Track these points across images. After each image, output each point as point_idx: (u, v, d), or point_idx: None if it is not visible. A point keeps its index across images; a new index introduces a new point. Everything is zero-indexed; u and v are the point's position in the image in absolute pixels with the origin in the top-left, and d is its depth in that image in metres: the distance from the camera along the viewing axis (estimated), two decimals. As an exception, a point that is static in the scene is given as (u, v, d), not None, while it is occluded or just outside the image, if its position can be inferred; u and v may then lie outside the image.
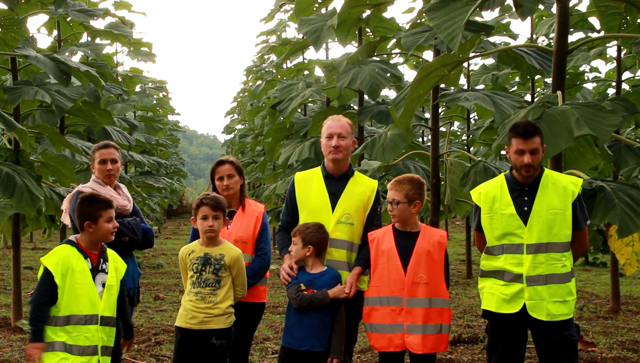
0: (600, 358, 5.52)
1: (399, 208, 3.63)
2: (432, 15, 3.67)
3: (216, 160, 4.17)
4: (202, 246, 3.77)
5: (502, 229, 3.51)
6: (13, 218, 6.64)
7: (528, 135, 3.45)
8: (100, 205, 3.54)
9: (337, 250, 3.78)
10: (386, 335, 3.59)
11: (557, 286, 3.40)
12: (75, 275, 3.38)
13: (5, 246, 14.69)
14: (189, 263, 3.75)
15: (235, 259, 3.75)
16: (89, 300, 3.38)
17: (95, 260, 3.50)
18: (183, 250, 3.83)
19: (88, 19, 7.45)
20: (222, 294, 3.71)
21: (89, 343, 3.35)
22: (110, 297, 3.48)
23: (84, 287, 3.39)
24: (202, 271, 3.70)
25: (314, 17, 6.55)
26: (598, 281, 10.74)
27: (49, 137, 6.80)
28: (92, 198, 3.59)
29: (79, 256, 3.44)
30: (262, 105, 12.44)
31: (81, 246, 3.49)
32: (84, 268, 3.42)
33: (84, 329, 3.35)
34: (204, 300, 3.69)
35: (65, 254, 3.43)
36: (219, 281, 3.71)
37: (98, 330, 3.38)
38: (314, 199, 3.87)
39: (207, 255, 3.72)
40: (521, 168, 3.47)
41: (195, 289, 3.71)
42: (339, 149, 3.81)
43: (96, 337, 3.37)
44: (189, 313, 3.70)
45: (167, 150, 18.10)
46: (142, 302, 8.53)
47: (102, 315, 3.42)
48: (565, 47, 4.21)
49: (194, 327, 3.69)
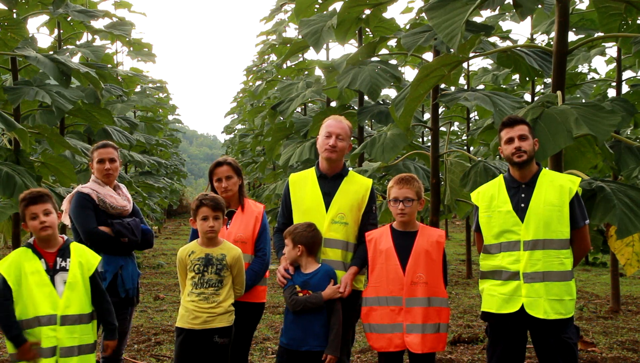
0: (600, 358, 5.52)
1: (412, 206, 3.63)
2: (431, 14, 3.66)
3: (214, 161, 4.17)
4: (202, 246, 3.76)
5: (499, 227, 3.51)
6: (13, 218, 6.64)
7: (513, 123, 3.53)
8: (24, 203, 3.38)
9: (332, 250, 3.78)
10: (385, 335, 3.59)
11: (554, 284, 3.39)
12: (29, 277, 3.27)
13: (5, 246, 14.70)
14: (189, 264, 3.73)
15: (237, 258, 3.76)
16: (48, 301, 3.27)
17: (51, 259, 3.37)
18: (182, 250, 3.80)
19: (88, 20, 7.45)
20: (224, 293, 3.72)
21: (48, 344, 3.22)
22: (73, 294, 3.34)
23: (39, 288, 3.28)
24: (205, 272, 3.69)
25: (314, 18, 6.54)
26: (598, 281, 10.74)
27: (48, 138, 6.80)
28: (23, 195, 3.43)
29: (32, 257, 3.33)
30: (262, 105, 12.45)
31: (37, 247, 3.39)
32: (37, 269, 3.30)
33: (44, 331, 3.23)
34: (207, 300, 3.68)
35: (16, 258, 3.33)
36: (221, 281, 3.71)
37: (56, 330, 3.25)
38: (307, 199, 3.87)
39: (209, 255, 3.72)
40: (513, 155, 3.50)
41: (198, 289, 3.69)
42: (334, 149, 3.81)
43: (52, 338, 3.24)
44: (192, 314, 3.68)
45: (167, 150, 18.11)
46: (142, 302, 8.54)
47: (64, 315, 3.28)
48: (565, 47, 4.21)
49: (196, 327, 3.68)
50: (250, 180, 17.91)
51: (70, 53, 7.82)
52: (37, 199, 3.36)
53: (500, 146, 3.62)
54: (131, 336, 6.41)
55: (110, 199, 4.17)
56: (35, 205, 3.35)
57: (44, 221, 3.34)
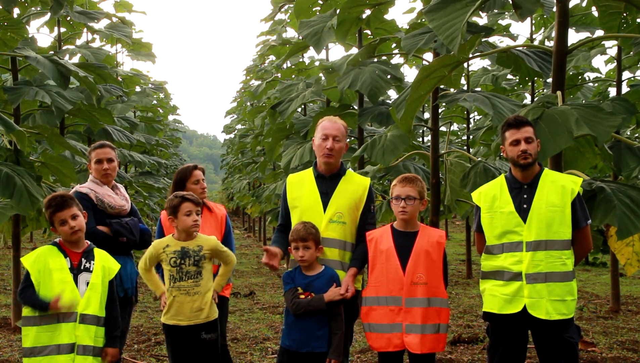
0: (600, 358, 5.52)
1: (414, 204, 3.64)
2: (431, 16, 3.65)
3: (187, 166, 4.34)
4: (178, 240, 3.79)
5: (501, 227, 3.51)
6: (13, 218, 6.65)
7: (520, 125, 3.51)
8: (51, 210, 3.51)
9: (330, 249, 3.77)
10: (385, 334, 3.59)
11: (556, 285, 3.40)
12: (53, 274, 3.41)
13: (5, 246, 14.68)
14: (164, 258, 3.75)
15: (214, 247, 3.82)
16: (70, 298, 3.38)
17: (76, 259, 3.50)
18: (157, 243, 3.83)
19: (89, 22, 7.46)
20: (204, 284, 3.76)
21: (68, 341, 3.34)
22: (94, 296, 3.46)
23: (61, 285, 3.40)
24: (182, 265, 3.73)
25: (314, 19, 6.53)
26: (598, 281, 10.74)
27: (48, 138, 6.80)
28: (47, 202, 3.56)
29: (57, 254, 3.47)
30: (262, 105, 12.44)
31: (62, 246, 3.53)
32: (62, 267, 3.43)
33: (64, 327, 3.35)
34: (188, 294, 3.72)
35: (42, 254, 3.46)
36: (200, 272, 3.75)
37: (75, 327, 3.37)
38: (305, 199, 3.88)
39: (185, 248, 3.75)
40: (518, 157, 3.49)
41: (177, 283, 3.72)
42: (332, 153, 3.82)
43: (72, 334, 3.36)
44: (175, 310, 3.73)
45: (167, 150, 18.11)
46: (142, 302, 8.54)
47: (83, 313, 3.40)
48: (565, 47, 4.20)
49: (182, 324, 3.73)
50: (250, 180, 17.91)
51: (70, 54, 7.83)
52: (63, 205, 3.51)
53: (503, 146, 3.61)
54: (131, 336, 6.41)
55: (108, 199, 4.18)
56: (62, 211, 3.50)
57: (74, 225, 3.51)
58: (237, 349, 5.96)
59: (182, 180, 4.25)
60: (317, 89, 7.65)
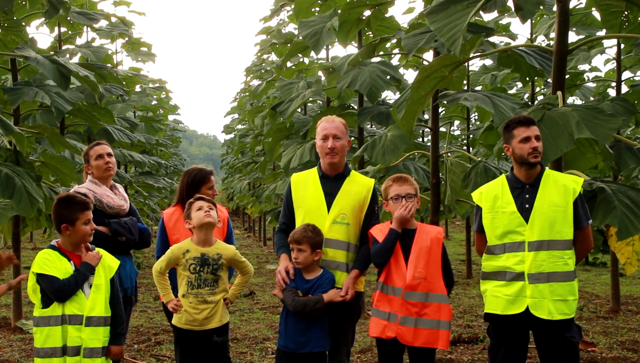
0: (600, 358, 5.52)
1: (414, 202, 3.68)
2: (432, 18, 3.65)
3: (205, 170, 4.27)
4: (198, 245, 3.73)
5: (503, 227, 3.51)
6: (13, 218, 6.64)
7: (530, 123, 3.54)
8: (77, 207, 3.45)
9: (333, 250, 3.76)
10: (382, 321, 3.61)
11: (558, 285, 3.40)
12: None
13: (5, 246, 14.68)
14: (184, 263, 3.70)
15: (232, 256, 3.78)
16: (75, 301, 3.34)
17: (78, 261, 3.44)
18: (176, 247, 3.74)
19: (89, 22, 7.45)
20: (219, 292, 3.74)
21: (73, 344, 3.31)
22: (98, 297, 3.42)
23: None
24: (201, 272, 3.70)
25: (313, 19, 6.52)
26: (598, 281, 10.74)
27: (48, 138, 6.80)
28: (69, 199, 3.51)
29: (60, 258, 3.40)
30: (262, 105, 12.43)
31: (62, 249, 3.45)
32: (67, 270, 3.37)
33: (70, 330, 3.31)
34: (205, 302, 3.69)
35: (45, 257, 3.39)
36: (217, 280, 3.73)
37: (81, 330, 3.33)
38: (309, 199, 3.86)
39: (205, 255, 3.71)
40: (529, 155, 3.49)
41: (194, 290, 3.69)
42: (334, 151, 3.81)
43: (77, 337, 3.32)
44: (190, 316, 3.69)
45: (167, 150, 18.10)
46: (142, 302, 8.54)
47: (89, 316, 3.36)
48: (566, 47, 4.20)
49: (195, 329, 3.70)
50: (250, 180, 17.90)
51: (70, 53, 7.82)
52: (88, 205, 3.50)
53: (509, 144, 3.60)
54: (131, 336, 6.41)
55: (107, 198, 4.18)
56: (88, 211, 3.48)
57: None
58: (237, 349, 5.96)
59: (198, 183, 4.18)
60: (317, 88, 7.65)
